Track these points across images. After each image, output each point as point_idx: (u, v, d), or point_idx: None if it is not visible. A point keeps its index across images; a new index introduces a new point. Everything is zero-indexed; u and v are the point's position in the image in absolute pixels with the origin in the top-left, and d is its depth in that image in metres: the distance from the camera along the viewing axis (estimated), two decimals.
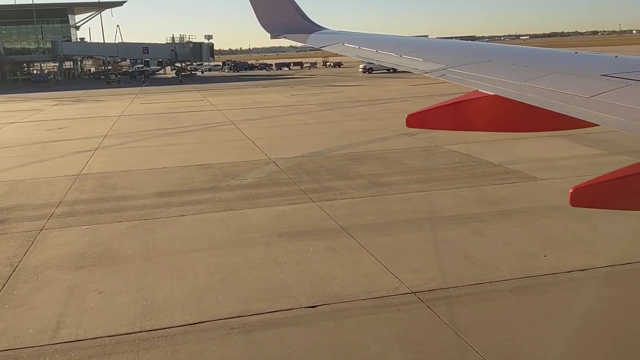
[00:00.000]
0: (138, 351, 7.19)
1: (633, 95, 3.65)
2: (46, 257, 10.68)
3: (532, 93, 4.20)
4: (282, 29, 9.03)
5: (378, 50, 6.97)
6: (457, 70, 5.23)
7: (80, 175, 17.81)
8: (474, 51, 6.37)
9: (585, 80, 4.32)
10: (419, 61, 5.97)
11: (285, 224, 12.14)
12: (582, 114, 3.61)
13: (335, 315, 7.92)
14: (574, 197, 3.35)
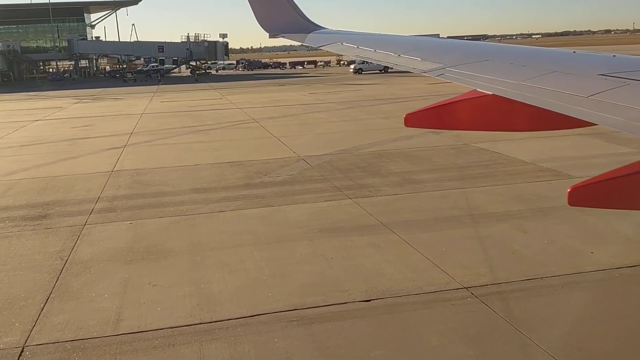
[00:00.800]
0: (201, 342, 7.33)
1: (631, 95, 3.65)
2: (94, 251, 10.87)
3: (531, 92, 4.21)
4: (280, 28, 9.05)
5: (377, 50, 7.00)
6: (456, 70, 5.24)
7: (113, 172, 18.03)
8: (473, 51, 6.37)
9: (584, 80, 4.32)
10: (417, 60, 6.00)
11: (325, 220, 12.25)
12: (581, 114, 3.62)
13: (390, 309, 8.02)
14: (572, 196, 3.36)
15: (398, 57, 6.36)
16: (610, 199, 3.56)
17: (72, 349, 7.31)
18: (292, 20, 9.01)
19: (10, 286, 9.35)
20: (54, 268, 10.09)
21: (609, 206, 3.86)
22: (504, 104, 4.57)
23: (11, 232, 12.27)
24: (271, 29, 9.17)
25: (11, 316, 8.26)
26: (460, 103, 5.02)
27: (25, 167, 19.42)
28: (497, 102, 4.61)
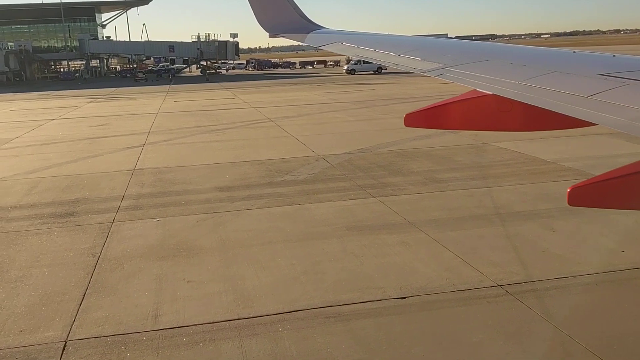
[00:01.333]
0: (241, 338, 7.41)
1: (631, 95, 3.65)
2: (125, 248, 10.98)
3: (531, 92, 4.21)
4: (280, 28, 9.06)
5: (377, 50, 7.01)
6: (456, 70, 5.24)
7: (135, 170, 18.16)
8: (473, 51, 6.36)
9: (584, 80, 4.31)
10: (417, 60, 6.00)
11: (351, 218, 12.31)
12: (581, 114, 3.62)
13: (427, 307, 8.07)
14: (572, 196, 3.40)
15: (398, 57, 6.36)
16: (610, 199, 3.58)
17: (114, 343, 7.41)
18: (292, 20, 9.03)
19: (46, 282, 9.47)
20: (87, 264, 10.21)
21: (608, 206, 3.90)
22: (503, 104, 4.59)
23: (40, 229, 12.41)
24: (271, 29, 9.18)
25: (50, 311, 8.37)
26: (460, 103, 5.03)
27: (48, 166, 19.60)
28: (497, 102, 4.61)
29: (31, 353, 7.23)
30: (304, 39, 8.72)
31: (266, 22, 9.21)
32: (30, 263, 10.36)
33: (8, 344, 7.47)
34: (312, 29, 9.02)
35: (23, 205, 14.50)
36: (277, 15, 9.09)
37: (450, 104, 5.10)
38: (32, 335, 7.66)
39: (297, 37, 8.96)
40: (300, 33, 8.89)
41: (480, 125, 5.25)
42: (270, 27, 9.21)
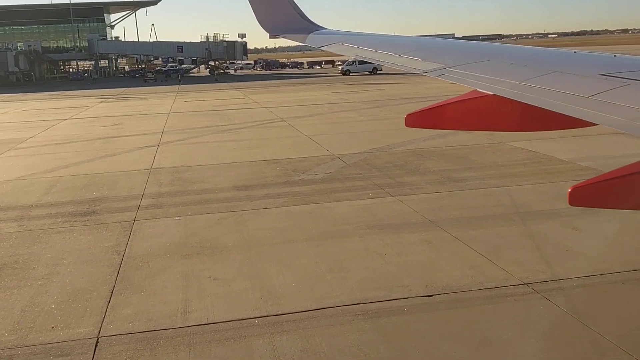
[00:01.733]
0: (271, 334, 7.47)
1: (631, 95, 3.64)
2: (149, 246, 11.07)
3: (531, 93, 4.20)
4: (281, 28, 9.06)
5: (377, 50, 7.01)
6: (456, 70, 5.23)
7: (152, 170, 18.28)
8: (473, 51, 6.36)
9: (584, 80, 4.31)
10: (418, 61, 6.02)
11: (371, 217, 12.35)
12: (581, 114, 3.61)
13: (454, 304, 8.11)
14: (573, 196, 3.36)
15: (399, 57, 6.37)
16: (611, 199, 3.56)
17: (146, 339, 7.49)
18: (293, 20, 9.03)
19: (73, 279, 9.57)
20: (112, 262, 10.30)
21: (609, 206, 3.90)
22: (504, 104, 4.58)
23: (63, 227, 12.53)
24: (272, 29, 9.19)
25: (80, 308, 8.47)
26: (461, 103, 5.02)
27: (65, 165, 19.75)
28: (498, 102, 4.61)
29: (64, 349, 7.32)
30: (304, 40, 8.74)
31: (267, 22, 9.21)
32: (56, 261, 10.47)
33: (41, 340, 7.57)
34: (312, 29, 9.03)
35: (43, 204, 14.63)
36: (277, 16, 9.10)
37: (451, 104, 5.11)
38: (63, 332, 7.76)
39: (297, 38, 8.96)
40: (301, 34, 8.90)
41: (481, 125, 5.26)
42: (270, 28, 9.22)
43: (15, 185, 16.85)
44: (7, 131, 30.17)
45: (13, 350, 7.32)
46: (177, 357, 7.01)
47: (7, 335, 7.73)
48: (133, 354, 7.14)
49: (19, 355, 7.20)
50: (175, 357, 7.03)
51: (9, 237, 11.92)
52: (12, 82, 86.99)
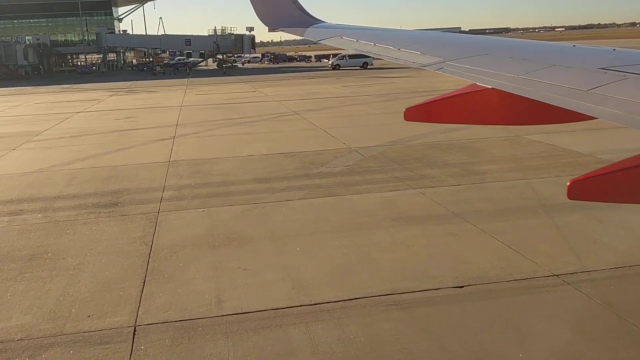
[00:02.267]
0: (307, 324, 7.55)
1: (631, 89, 3.63)
2: (176, 237, 11.16)
3: (531, 86, 4.20)
4: (279, 22, 9.03)
5: (376, 44, 7.00)
6: (455, 64, 5.24)
7: (171, 162, 18.37)
8: (472, 45, 6.34)
9: (583, 74, 4.29)
10: (417, 54, 6.00)
11: (395, 209, 12.41)
12: (581, 107, 3.61)
13: (486, 296, 8.16)
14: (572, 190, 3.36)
15: (398, 50, 6.37)
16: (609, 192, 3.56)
17: (183, 328, 7.58)
18: (292, 13, 9.01)
19: (104, 269, 9.68)
20: (141, 253, 10.40)
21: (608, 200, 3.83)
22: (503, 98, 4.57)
23: (88, 218, 12.64)
24: (270, 23, 9.16)
25: (114, 297, 8.57)
26: (460, 97, 5.00)
27: (83, 157, 19.88)
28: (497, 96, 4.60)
29: (103, 337, 7.43)
30: (303, 33, 8.69)
31: (265, 16, 9.18)
32: (85, 251, 10.58)
33: (79, 328, 7.68)
34: (311, 23, 8.98)
35: (66, 195, 14.75)
36: (276, 9, 9.08)
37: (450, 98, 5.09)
38: (100, 321, 7.86)
39: (296, 32, 8.92)
40: (300, 27, 8.86)
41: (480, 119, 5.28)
42: (269, 21, 9.19)
43: (36, 177, 16.98)
44: (21, 124, 30.34)
45: (53, 339, 7.43)
46: (215, 346, 7.10)
47: (45, 323, 7.84)
48: (172, 342, 7.23)
49: (59, 344, 7.31)
50: (213, 345, 7.12)
51: (36, 228, 12.04)
52: (21, 75, 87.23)
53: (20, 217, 12.96)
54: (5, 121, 32.03)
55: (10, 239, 11.40)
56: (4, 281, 9.34)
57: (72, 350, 7.14)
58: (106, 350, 7.11)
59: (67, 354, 7.04)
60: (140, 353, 7.00)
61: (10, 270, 9.78)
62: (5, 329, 7.73)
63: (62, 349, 7.17)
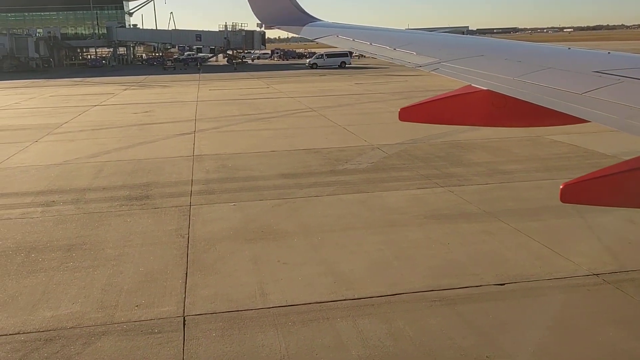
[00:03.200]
0: (353, 317, 7.66)
1: (625, 93, 3.63)
2: (211, 230, 11.28)
3: (525, 88, 4.19)
4: (276, 19, 9.03)
5: (372, 43, 7.03)
6: (451, 65, 5.25)
7: (195, 156, 18.51)
8: (468, 46, 6.38)
9: (578, 77, 4.28)
10: (412, 55, 6.02)
11: (426, 207, 12.50)
12: (575, 111, 3.60)
13: (528, 293, 8.25)
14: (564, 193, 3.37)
15: (393, 50, 6.40)
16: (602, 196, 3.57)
17: (231, 319, 7.70)
18: (288, 11, 9.00)
19: (144, 260, 9.81)
20: (179, 245, 10.53)
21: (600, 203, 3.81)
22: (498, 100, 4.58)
23: (121, 210, 12.78)
24: (267, 20, 9.15)
25: (159, 288, 8.70)
26: (455, 98, 5.00)
27: (106, 150, 20.03)
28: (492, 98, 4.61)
29: (154, 327, 7.56)
30: (299, 31, 8.70)
31: (261, 12, 9.15)
32: (123, 243, 10.72)
33: (128, 318, 7.81)
34: (307, 21, 8.98)
35: (95, 188, 14.90)
36: (272, 6, 9.07)
37: (445, 99, 5.10)
38: (148, 311, 7.99)
39: (292, 29, 8.93)
40: (296, 25, 8.87)
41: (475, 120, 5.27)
42: (265, 18, 9.17)
43: (62, 169, 17.14)
44: (39, 116, 30.54)
45: (104, 327, 7.56)
46: (266, 337, 7.22)
47: (95, 312, 7.98)
48: (222, 332, 7.36)
49: (111, 332, 7.44)
50: (264, 336, 7.24)
51: (71, 219, 12.19)
52: (32, 68, 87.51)
53: (53, 208, 13.11)
54: (23, 113, 32.24)
55: (47, 230, 11.55)
56: (47, 270, 9.49)
57: (125, 338, 7.27)
58: (159, 339, 7.24)
59: (121, 342, 7.17)
60: (193, 343, 7.13)
61: (51, 260, 9.93)
62: (56, 317, 7.87)
63: (115, 337, 7.31)
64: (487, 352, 6.74)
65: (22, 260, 9.95)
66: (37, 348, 7.10)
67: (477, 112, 4.94)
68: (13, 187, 15.19)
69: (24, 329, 7.60)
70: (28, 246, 10.63)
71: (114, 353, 6.94)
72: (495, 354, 6.71)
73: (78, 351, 7.01)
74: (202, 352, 6.94)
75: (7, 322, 7.77)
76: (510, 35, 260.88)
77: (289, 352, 6.88)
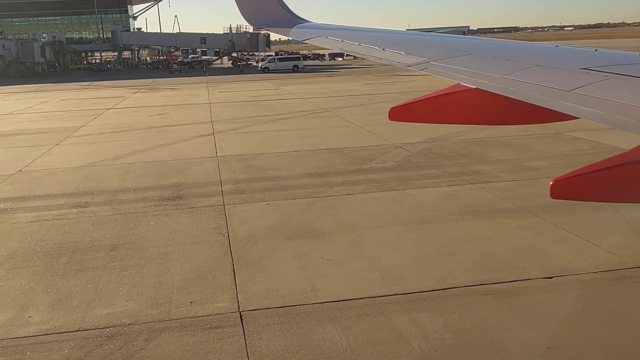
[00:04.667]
0: (409, 311, 7.76)
1: (612, 89, 3.69)
2: (250, 229, 11.39)
3: (514, 86, 4.24)
4: (264, 21, 9.10)
5: (361, 44, 7.09)
6: (439, 64, 5.30)
7: (219, 157, 18.63)
8: (456, 45, 6.44)
9: (566, 74, 4.32)
10: (401, 54, 6.09)
11: (459, 203, 12.59)
12: (563, 107, 3.65)
13: (577, 286, 8.34)
14: (554, 189, 3.40)
15: (382, 50, 6.46)
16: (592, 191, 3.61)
17: (286, 314, 7.81)
18: (276, 13, 9.04)
19: (189, 258, 9.93)
20: (220, 243, 10.65)
21: (590, 199, 3.87)
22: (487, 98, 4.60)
23: (157, 211, 12.90)
24: (255, 22, 9.18)
25: (209, 285, 8.82)
26: (444, 97, 5.03)
27: (129, 152, 20.17)
28: (481, 96, 4.64)
29: (212, 322, 7.66)
30: (288, 33, 8.74)
31: (249, 14, 9.16)
32: (165, 242, 10.83)
33: (185, 314, 7.92)
34: (296, 22, 9.03)
35: (126, 189, 15.02)
36: (260, 8, 9.10)
37: (434, 98, 5.12)
38: (203, 307, 8.10)
39: (281, 31, 8.97)
40: (284, 27, 8.91)
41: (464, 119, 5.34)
42: (253, 20, 9.20)
43: (89, 171, 17.28)
44: (55, 120, 30.71)
45: (163, 324, 7.68)
46: (324, 330, 7.32)
47: (150, 309, 8.10)
48: (281, 327, 7.46)
49: (171, 328, 7.55)
50: (322, 330, 7.34)
51: (108, 220, 12.31)
52: (38, 72, 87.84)
53: (88, 209, 13.23)
54: (38, 117, 32.40)
55: (86, 230, 11.68)
56: (94, 270, 9.61)
57: (185, 334, 7.38)
58: (220, 333, 7.35)
59: (182, 338, 7.28)
60: (254, 337, 7.23)
61: (97, 260, 10.05)
62: (112, 314, 7.99)
63: (175, 332, 7.42)
64: (548, 344, 6.83)
65: (67, 260, 10.07)
66: (100, 344, 7.22)
67: (467, 111, 4.99)
68: (43, 189, 15.32)
69: (83, 326, 7.71)
70: (71, 246, 10.75)
71: (177, 348, 7.05)
72: (556, 345, 6.81)
73: (141, 347, 7.12)
74: (264, 345, 7.04)
75: (65, 319, 7.89)
76: (511, 35, 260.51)
77: (350, 345, 6.98)
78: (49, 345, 7.25)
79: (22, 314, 8.12)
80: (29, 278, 9.37)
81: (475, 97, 4.72)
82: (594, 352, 6.69)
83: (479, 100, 4.72)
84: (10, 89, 56.87)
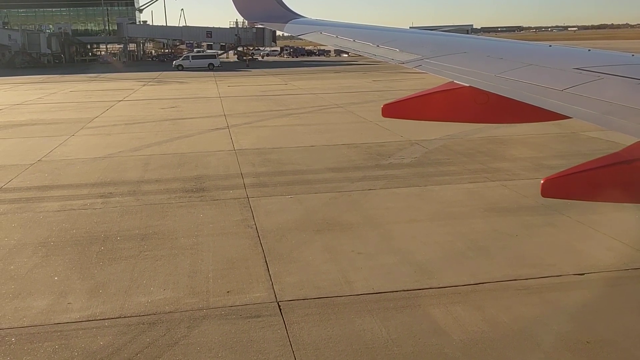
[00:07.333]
0: (445, 305, 7.86)
1: (605, 89, 3.72)
2: (277, 221, 11.49)
3: (507, 85, 4.26)
4: (259, 16, 9.12)
5: (355, 40, 7.15)
6: (433, 62, 5.33)
7: (237, 151, 18.71)
8: (450, 43, 6.50)
9: (559, 73, 4.34)
10: (395, 51, 6.15)
11: (483, 200, 12.68)
12: (555, 107, 3.67)
13: (610, 282, 8.44)
14: (545, 188, 3.44)
15: (376, 47, 6.51)
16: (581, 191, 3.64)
17: (324, 305, 7.91)
18: (271, 8, 9.06)
19: (220, 249, 10.03)
20: (250, 235, 10.74)
21: (580, 198, 3.92)
22: (480, 96, 4.62)
23: (182, 202, 13.00)
24: (250, 17, 9.19)
25: (243, 275, 8.92)
26: (437, 94, 5.05)
27: (147, 144, 20.25)
28: (474, 94, 4.66)
29: (251, 311, 7.77)
30: (283, 28, 8.78)
31: (244, 9, 9.18)
32: (194, 232, 10.93)
33: (223, 303, 8.03)
34: (291, 17, 9.05)
35: (148, 180, 15.11)
36: (255, 3, 9.12)
37: (427, 95, 5.17)
38: (241, 296, 8.21)
39: (276, 26, 9.05)
40: (279, 22, 8.93)
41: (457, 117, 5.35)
42: (248, 15, 9.22)
43: (109, 162, 17.37)
44: (68, 111, 30.77)
45: (203, 312, 7.78)
46: (364, 322, 7.42)
47: (188, 298, 8.20)
48: (320, 317, 7.57)
49: (211, 316, 7.65)
50: (361, 321, 7.44)
51: (135, 210, 12.41)
52: (44, 63, 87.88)
53: (113, 199, 13.33)
54: (50, 108, 32.47)
55: (114, 220, 11.78)
56: (127, 259, 9.71)
57: (227, 322, 7.48)
58: (260, 322, 7.45)
59: (224, 326, 7.38)
60: (295, 326, 7.33)
61: (129, 249, 10.15)
62: (152, 302, 8.09)
63: (217, 320, 7.53)
64: (587, 338, 6.93)
65: (99, 249, 10.17)
66: (143, 331, 7.32)
67: (460, 109, 5.01)
68: (65, 179, 15.42)
69: (124, 313, 7.82)
70: (101, 236, 10.85)
71: (220, 336, 7.16)
72: (595, 339, 6.90)
73: (184, 334, 7.23)
74: (306, 335, 7.14)
75: (105, 306, 8.00)
76: (514, 34, 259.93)
77: (390, 336, 7.08)
78: (92, 331, 7.35)
79: (61, 300, 8.22)
80: (63, 265, 9.48)
81: (468, 95, 4.74)
82: (633, 345, 6.79)
83: (472, 98, 4.74)
84: (19, 79, 56.93)
